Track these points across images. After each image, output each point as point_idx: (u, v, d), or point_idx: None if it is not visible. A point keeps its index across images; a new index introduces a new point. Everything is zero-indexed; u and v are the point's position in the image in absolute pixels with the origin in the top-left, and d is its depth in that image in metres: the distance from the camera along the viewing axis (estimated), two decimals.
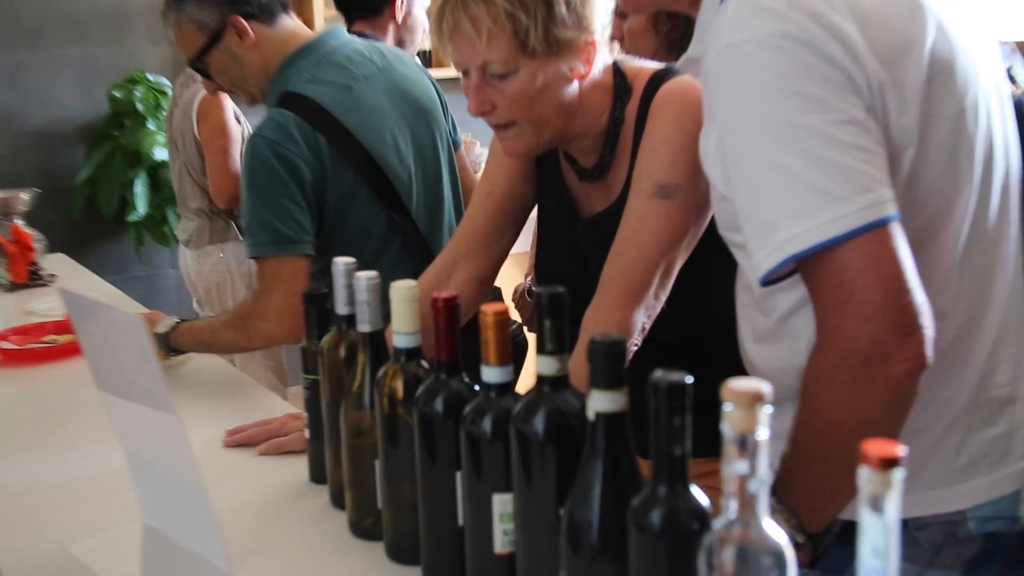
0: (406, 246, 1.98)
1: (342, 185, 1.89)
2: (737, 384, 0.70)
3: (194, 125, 3.16)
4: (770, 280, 1.02)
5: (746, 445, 0.71)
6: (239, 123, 3.21)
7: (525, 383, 1.04)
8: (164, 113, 3.92)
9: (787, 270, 1.05)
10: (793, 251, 0.97)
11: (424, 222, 2.01)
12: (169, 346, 1.93)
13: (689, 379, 0.79)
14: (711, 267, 1.39)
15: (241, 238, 3.23)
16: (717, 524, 0.73)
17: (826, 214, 0.95)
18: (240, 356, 3.11)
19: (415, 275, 1.63)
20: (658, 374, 0.79)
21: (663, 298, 1.35)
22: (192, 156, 3.20)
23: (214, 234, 3.22)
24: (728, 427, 0.71)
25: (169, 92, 3.95)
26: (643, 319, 1.33)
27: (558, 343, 0.95)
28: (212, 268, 3.24)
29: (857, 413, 0.96)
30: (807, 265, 0.99)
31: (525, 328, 2.18)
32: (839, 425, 0.97)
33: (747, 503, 0.71)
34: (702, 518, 0.80)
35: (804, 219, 0.96)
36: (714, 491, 0.83)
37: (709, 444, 1.16)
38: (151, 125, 3.96)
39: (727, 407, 0.71)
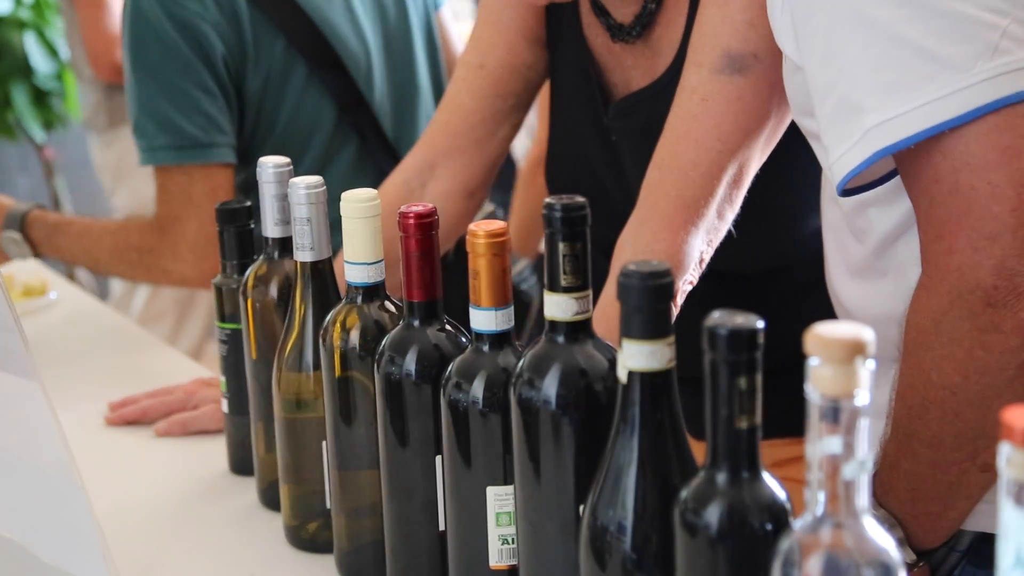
0: (364, 151, 1.98)
1: (270, 62, 1.89)
2: (827, 330, 0.72)
3: None
4: (854, 188, 1.03)
5: (839, 415, 0.72)
6: None
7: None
8: None
9: (880, 172, 1.06)
10: (885, 143, 0.97)
11: (390, 117, 2.00)
12: (25, 238, 1.93)
13: (760, 323, 0.80)
14: (798, 173, 1.39)
15: None
16: (798, 524, 0.75)
17: (934, 88, 0.95)
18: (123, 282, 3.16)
19: (376, 184, 1.63)
20: (717, 316, 0.80)
21: (730, 217, 1.36)
22: (69, 11, 3.20)
23: (114, 112, 3.23)
24: (815, 390, 0.72)
25: None
26: (702, 245, 1.33)
27: (577, 275, 0.96)
28: (120, 159, 3.25)
29: (977, 375, 0.97)
30: (907, 164, 0.99)
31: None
32: (953, 393, 0.99)
33: (840, 495, 0.73)
34: (778, 516, 0.81)
35: (902, 96, 0.96)
36: (794, 484, 0.84)
37: (787, 420, 1.19)
38: None
39: (813, 362, 0.72)
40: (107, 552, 1.16)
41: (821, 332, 0.72)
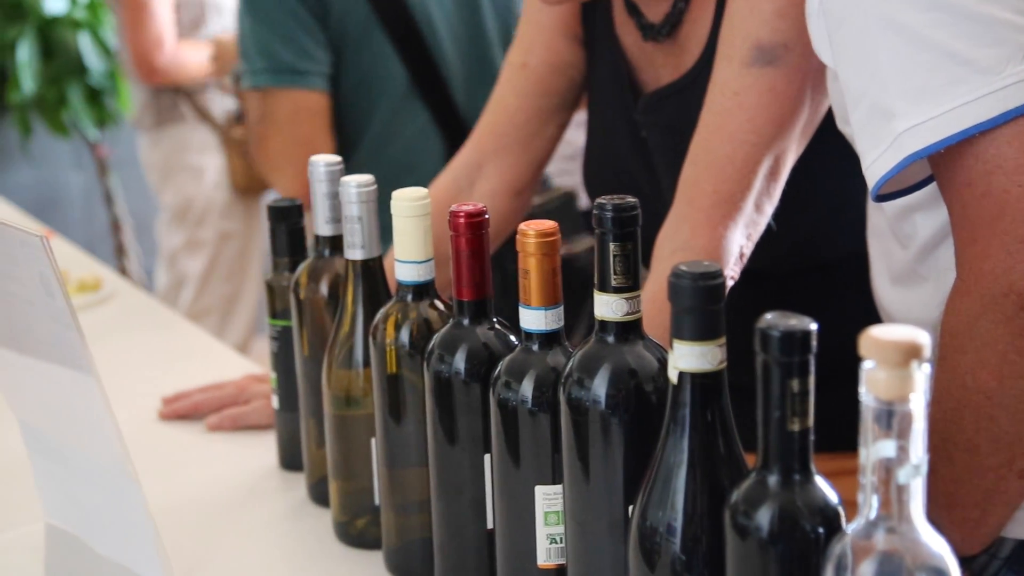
0: (433, 121, 2.07)
1: (351, 16, 2.02)
2: (882, 332, 0.71)
3: None
4: (890, 193, 1.02)
5: (893, 419, 0.71)
6: None
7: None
8: None
9: (917, 177, 1.05)
10: (916, 147, 0.96)
11: (461, 85, 2.04)
12: None
13: (814, 325, 0.79)
14: (838, 164, 1.37)
15: (200, 120, 3.27)
16: (851, 528, 0.74)
17: (965, 91, 0.94)
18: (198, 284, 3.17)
19: (444, 160, 1.65)
20: (770, 318, 0.79)
21: (769, 210, 1.34)
22: (118, 11, 3.23)
23: (161, 112, 3.25)
24: (869, 393, 0.71)
25: None
26: (741, 240, 1.32)
27: (628, 275, 0.96)
28: (166, 158, 3.28)
29: (1012, 379, 0.96)
30: (940, 168, 0.98)
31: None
32: (987, 397, 0.98)
33: (894, 499, 0.72)
34: (830, 519, 0.81)
35: (932, 100, 0.95)
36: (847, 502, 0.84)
37: (835, 432, 1.18)
38: None
39: (867, 364, 0.71)
40: (161, 545, 1.17)
41: (876, 335, 0.71)
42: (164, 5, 3.14)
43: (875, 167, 1.00)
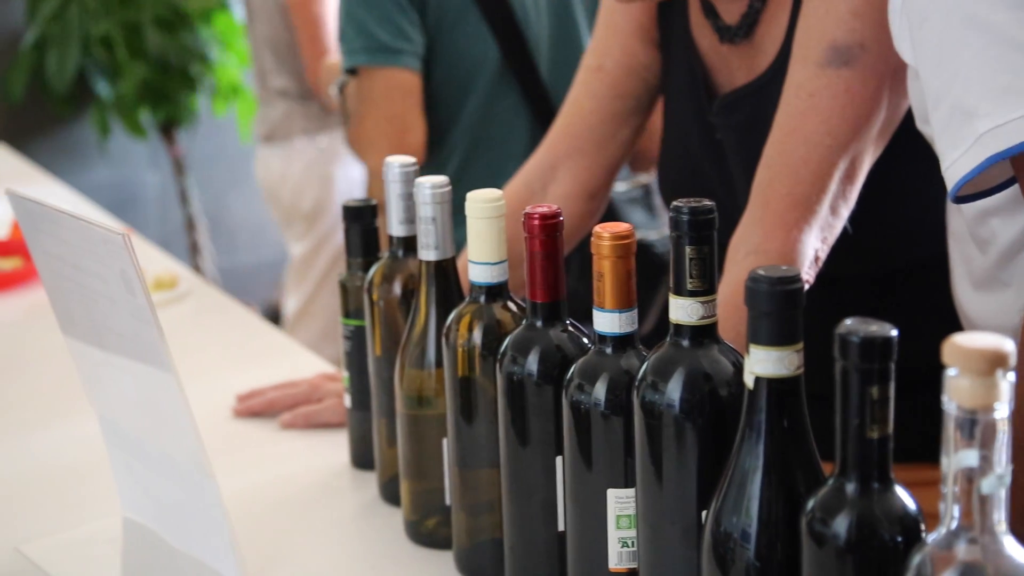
0: (524, 98, 2.14)
1: (447, 5, 2.08)
2: (966, 340, 0.70)
3: None
4: (970, 195, 1.00)
5: (976, 427, 0.70)
6: None
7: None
8: None
9: (998, 179, 1.03)
10: (998, 148, 0.95)
11: (547, 64, 2.09)
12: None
13: (894, 332, 0.78)
14: (916, 165, 1.36)
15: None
16: (932, 538, 0.73)
17: None
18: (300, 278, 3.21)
19: (531, 141, 1.66)
20: (849, 324, 0.78)
21: (845, 213, 1.33)
22: (273, 22, 3.24)
23: (309, 120, 3.27)
24: (951, 401, 0.70)
25: None
26: (816, 243, 1.31)
27: (704, 279, 0.95)
28: (306, 168, 3.28)
29: None
30: (1022, 170, 0.96)
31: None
32: None
33: (976, 510, 0.71)
34: (909, 528, 0.80)
35: (1016, 100, 0.93)
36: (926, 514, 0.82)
37: (917, 442, 1.16)
38: None
39: (950, 372, 0.70)
40: (236, 541, 1.18)
41: (960, 342, 0.70)
42: (332, 20, 3.19)
43: (955, 168, 0.98)
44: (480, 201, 1.14)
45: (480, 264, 1.16)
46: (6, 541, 1.33)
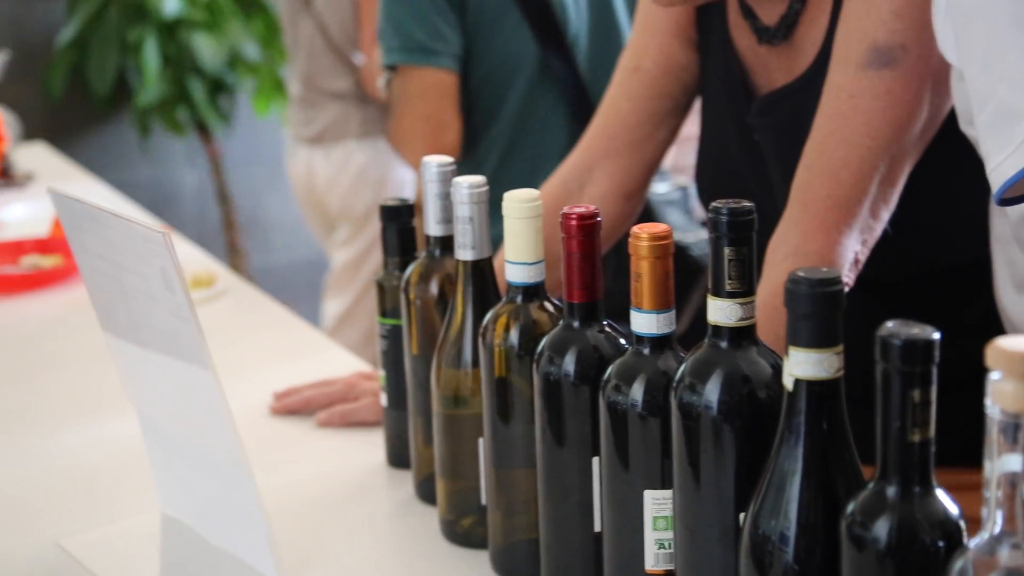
0: (563, 97, 2.16)
1: (486, 6, 2.11)
2: (1010, 343, 0.69)
3: None
4: (1013, 196, 0.99)
5: (1020, 432, 0.70)
6: None
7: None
8: None
9: None
10: None
11: (586, 61, 2.12)
12: None
13: (936, 335, 0.77)
14: (959, 167, 1.34)
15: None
16: (974, 543, 0.72)
17: None
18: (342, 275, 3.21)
19: (570, 140, 1.67)
20: (891, 326, 0.78)
21: (885, 215, 1.32)
22: (341, 12, 3.13)
23: (366, 123, 3.20)
24: (995, 405, 0.70)
25: None
26: (856, 246, 1.30)
27: (743, 280, 0.95)
28: (360, 172, 3.22)
29: None
30: None
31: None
32: None
33: (1019, 515, 0.70)
34: (950, 533, 0.79)
35: None
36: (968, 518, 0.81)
37: (959, 446, 1.15)
38: None
39: (994, 376, 0.70)
40: (273, 538, 1.18)
41: (1004, 345, 0.69)
42: None
43: (1000, 170, 0.97)
44: (517, 201, 1.14)
45: (517, 264, 1.16)
46: (47, 536, 1.34)
